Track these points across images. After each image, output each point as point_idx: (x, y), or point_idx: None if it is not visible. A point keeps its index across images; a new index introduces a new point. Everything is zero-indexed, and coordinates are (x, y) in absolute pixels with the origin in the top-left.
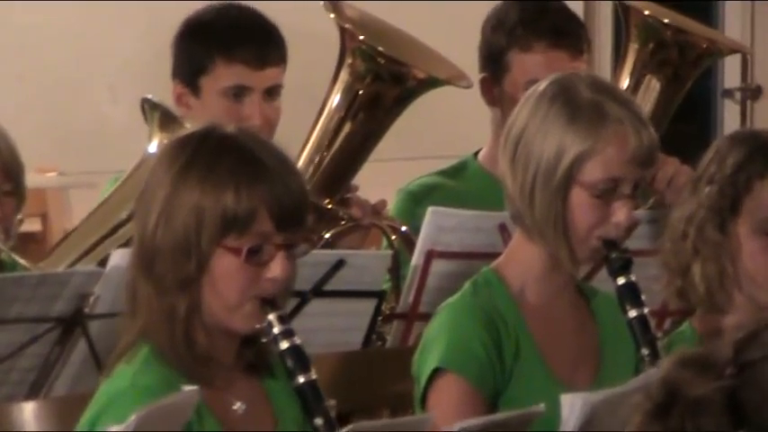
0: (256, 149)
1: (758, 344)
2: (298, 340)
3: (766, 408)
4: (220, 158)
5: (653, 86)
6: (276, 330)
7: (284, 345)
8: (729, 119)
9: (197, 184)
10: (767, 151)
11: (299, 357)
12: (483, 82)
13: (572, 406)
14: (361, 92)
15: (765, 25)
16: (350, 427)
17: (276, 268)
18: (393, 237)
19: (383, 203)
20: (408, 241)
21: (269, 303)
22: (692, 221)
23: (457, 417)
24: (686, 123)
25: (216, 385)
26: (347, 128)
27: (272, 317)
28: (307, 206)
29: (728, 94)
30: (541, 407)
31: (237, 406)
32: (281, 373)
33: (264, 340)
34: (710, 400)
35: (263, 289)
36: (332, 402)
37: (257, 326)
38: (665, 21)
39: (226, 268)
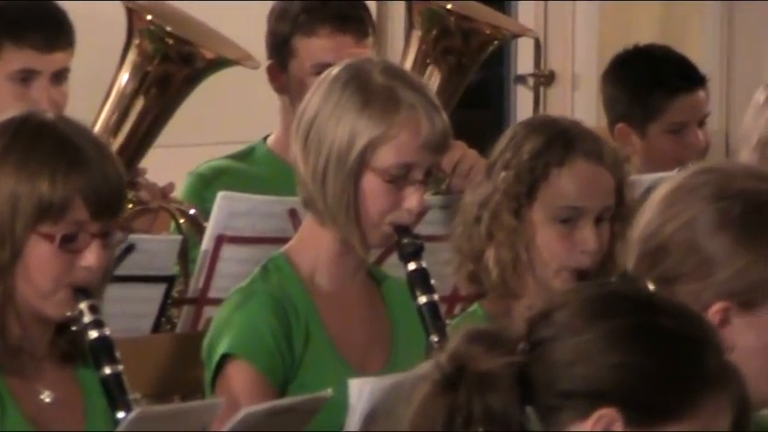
0: (74, 137)
1: (551, 322)
2: (107, 331)
3: (554, 386)
4: (37, 145)
5: (435, 77)
6: (86, 320)
7: (93, 334)
8: (523, 105)
9: (13, 170)
10: (565, 139)
11: (107, 348)
12: (270, 69)
13: (360, 391)
14: (149, 72)
15: (558, 11)
16: (137, 411)
17: (90, 257)
18: (182, 220)
19: (171, 187)
20: (197, 225)
21: (82, 292)
22: (486, 206)
23: (245, 402)
24: (479, 109)
25: (25, 374)
26: (136, 109)
27: (83, 306)
28: (123, 195)
29: (521, 80)
30: (329, 391)
31: (45, 395)
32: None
33: (75, 329)
34: (499, 376)
35: (77, 277)
36: (136, 396)
37: (69, 313)
38: (448, 7)
39: (40, 255)
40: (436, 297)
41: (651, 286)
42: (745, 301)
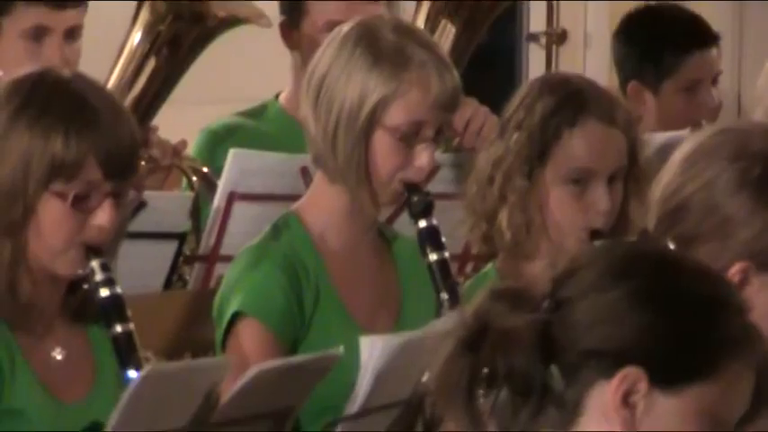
0: (90, 96)
1: (575, 281)
2: (119, 289)
3: (578, 345)
4: (52, 103)
5: (448, 31)
6: (98, 278)
7: (104, 293)
8: (534, 63)
9: (27, 128)
10: (578, 99)
11: (118, 306)
12: (282, 26)
13: (371, 349)
14: (161, 31)
15: None
16: (147, 369)
17: (103, 216)
18: (194, 178)
19: (183, 144)
20: (209, 182)
21: (93, 250)
22: (499, 167)
23: (256, 361)
24: (491, 68)
25: (36, 332)
26: (148, 68)
27: (94, 264)
28: (137, 155)
29: (533, 38)
30: (340, 350)
31: (56, 352)
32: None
33: (86, 287)
34: (522, 334)
35: (89, 236)
36: (147, 354)
37: (80, 271)
38: None
39: (52, 213)
40: (447, 254)
41: (672, 245)
42: (764, 262)
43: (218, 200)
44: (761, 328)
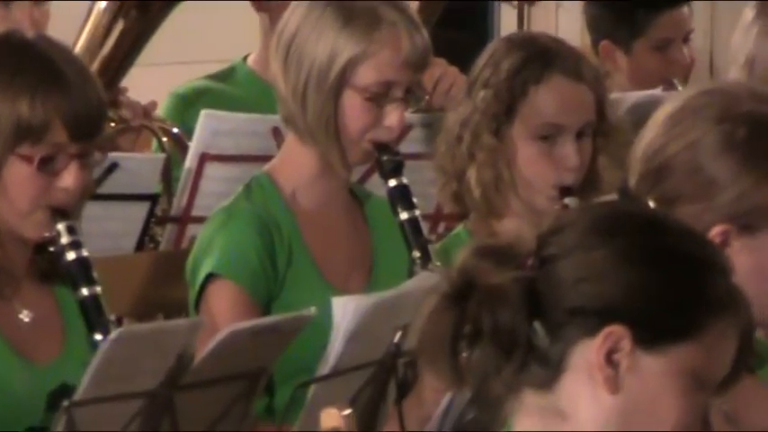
0: (55, 58)
1: (560, 239)
2: (85, 252)
3: (563, 302)
4: (17, 66)
5: None
6: (64, 241)
7: (71, 255)
8: (506, 23)
9: None
10: (544, 56)
11: (84, 269)
12: None
13: (344, 309)
14: None
15: None
16: (119, 330)
17: (68, 178)
18: (165, 139)
19: (153, 105)
20: (180, 143)
21: (59, 213)
22: (467, 125)
23: (229, 321)
24: (463, 28)
25: (4, 294)
26: (117, 30)
27: (60, 227)
28: (103, 116)
29: None
30: (312, 310)
31: (24, 314)
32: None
33: (53, 249)
34: (507, 291)
35: (55, 198)
36: (113, 317)
37: (46, 234)
38: None
39: (18, 176)
40: (417, 213)
41: (652, 205)
42: (745, 224)
43: (190, 161)
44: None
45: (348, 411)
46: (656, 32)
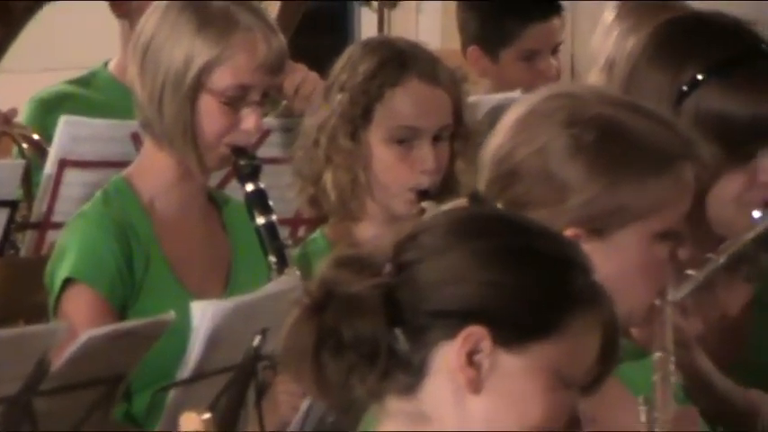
0: None
1: (417, 244)
2: None
3: (423, 306)
4: None
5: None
6: None
7: None
8: (367, 28)
9: None
10: (400, 59)
11: None
12: None
13: (203, 313)
14: None
15: None
16: None
17: None
18: (25, 145)
19: (14, 112)
20: (40, 149)
21: None
22: (324, 129)
23: (87, 327)
24: (323, 33)
25: None
26: None
27: None
28: None
29: (365, 2)
30: (171, 314)
31: None
32: None
33: None
34: (365, 298)
35: None
36: None
37: None
38: None
39: None
40: (274, 218)
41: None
42: (595, 228)
43: (50, 167)
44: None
45: (208, 415)
46: (524, 43)
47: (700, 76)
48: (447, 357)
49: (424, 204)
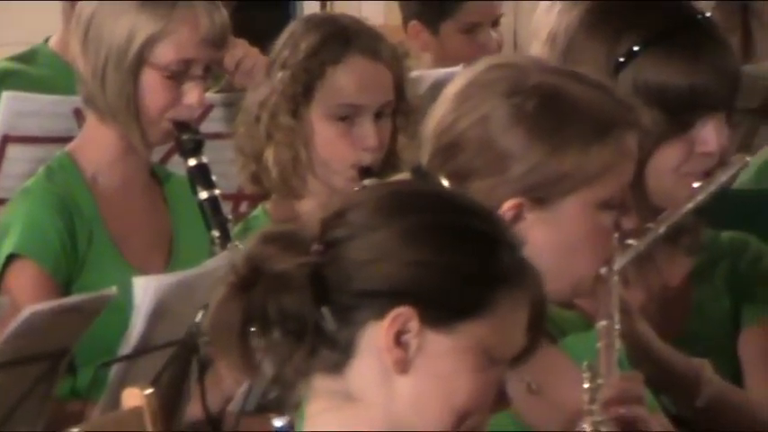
0: None
1: (345, 222)
2: None
3: (350, 285)
4: None
5: None
6: None
7: None
8: (309, 5)
9: None
10: (341, 37)
11: None
12: None
13: (145, 289)
14: None
15: None
16: None
17: None
18: None
19: None
20: None
21: None
22: (265, 106)
23: (31, 302)
24: (265, 8)
25: None
26: None
27: None
28: None
29: None
30: (113, 290)
31: None
32: None
33: None
34: (292, 276)
35: None
36: None
37: None
38: None
39: None
40: (217, 192)
41: (445, 182)
42: (538, 197)
43: None
44: (534, 264)
45: (150, 391)
46: (464, 16)
47: (636, 47)
48: (375, 337)
49: (366, 182)
